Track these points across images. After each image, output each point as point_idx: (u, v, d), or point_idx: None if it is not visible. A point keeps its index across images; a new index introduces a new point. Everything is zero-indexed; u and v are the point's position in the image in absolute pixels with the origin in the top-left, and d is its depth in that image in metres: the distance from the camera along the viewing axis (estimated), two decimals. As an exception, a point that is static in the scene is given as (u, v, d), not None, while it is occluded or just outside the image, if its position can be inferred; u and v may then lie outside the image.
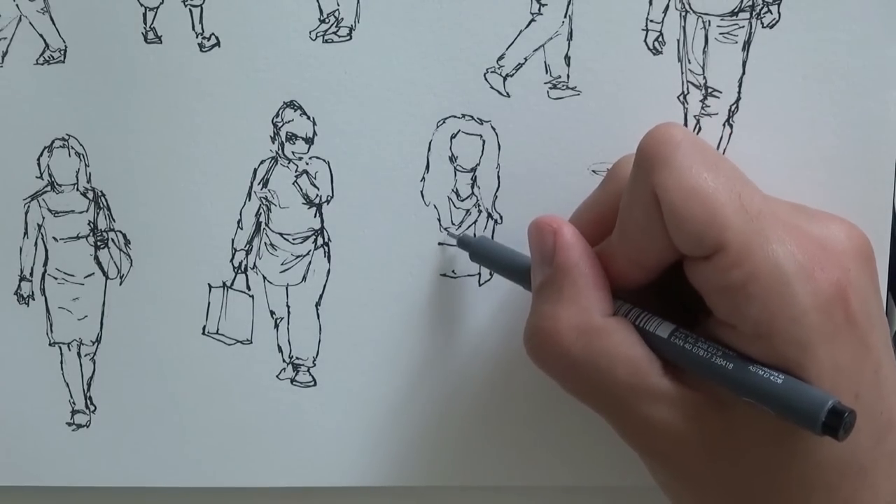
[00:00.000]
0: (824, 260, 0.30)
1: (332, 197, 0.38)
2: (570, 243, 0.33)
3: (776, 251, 0.29)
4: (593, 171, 0.38)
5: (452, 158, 0.38)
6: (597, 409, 0.33)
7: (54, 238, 0.39)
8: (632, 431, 0.32)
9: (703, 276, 0.30)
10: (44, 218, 0.39)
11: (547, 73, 0.37)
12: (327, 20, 0.37)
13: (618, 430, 0.33)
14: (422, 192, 0.38)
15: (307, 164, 0.38)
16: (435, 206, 0.38)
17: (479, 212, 0.38)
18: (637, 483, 0.34)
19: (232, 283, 0.39)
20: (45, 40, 0.38)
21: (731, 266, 0.29)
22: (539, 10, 0.37)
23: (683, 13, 0.37)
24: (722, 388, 0.30)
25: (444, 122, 0.38)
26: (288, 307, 0.39)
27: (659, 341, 0.32)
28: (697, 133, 0.37)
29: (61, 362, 0.40)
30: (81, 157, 0.39)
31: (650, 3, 0.37)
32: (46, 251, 0.39)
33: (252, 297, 0.39)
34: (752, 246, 0.29)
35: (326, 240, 0.39)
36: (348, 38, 0.37)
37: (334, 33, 0.37)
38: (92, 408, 0.40)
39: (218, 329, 0.39)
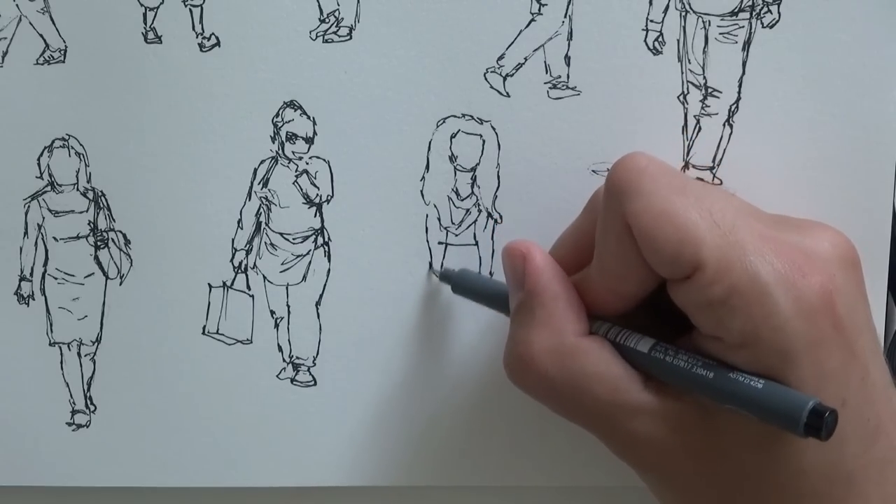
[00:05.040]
0: (807, 267, 0.30)
1: (332, 197, 0.38)
2: (539, 267, 0.33)
3: (754, 262, 0.29)
4: (593, 171, 0.38)
5: (452, 158, 0.38)
6: (583, 427, 0.33)
7: (54, 238, 0.39)
8: (619, 446, 0.33)
9: (686, 295, 0.30)
10: (44, 218, 0.39)
11: (547, 73, 0.37)
12: (327, 20, 0.37)
13: (606, 444, 0.33)
14: (422, 191, 0.38)
15: (307, 163, 0.38)
16: (435, 206, 0.38)
17: (479, 211, 0.38)
18: (636, 483, 0.34)
19: (232, 283, 0.39)
20: (45, 40, 0.38)
21: (710, 283, 0.29)
22: (539, 10, 0.37)
23: (683, 13, 0.37)
24: (705, 398, 0.31)
25: (444, 122, 0.38)
26: (288, 307, 0.39)
27: (640, 356, 0.32)
28: (697, 133, 0.38)
29: (61, 362, 0.40)
30: (81, 157, 0.39)
31: (650, 3, 0.37)
32: (46, 251, 0.39)
33: (252, 296, 0.39)
34: (730, 260, 0.29)
35: (326, 239, 0.39)
36: (348, 38, 0.37)
37: (334, 33, 0.37)
38: (92, 408, 0.40)
39: (218, 329, 0.39)
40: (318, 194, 0.39)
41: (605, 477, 0.39)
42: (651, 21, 0.37)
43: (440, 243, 0.39)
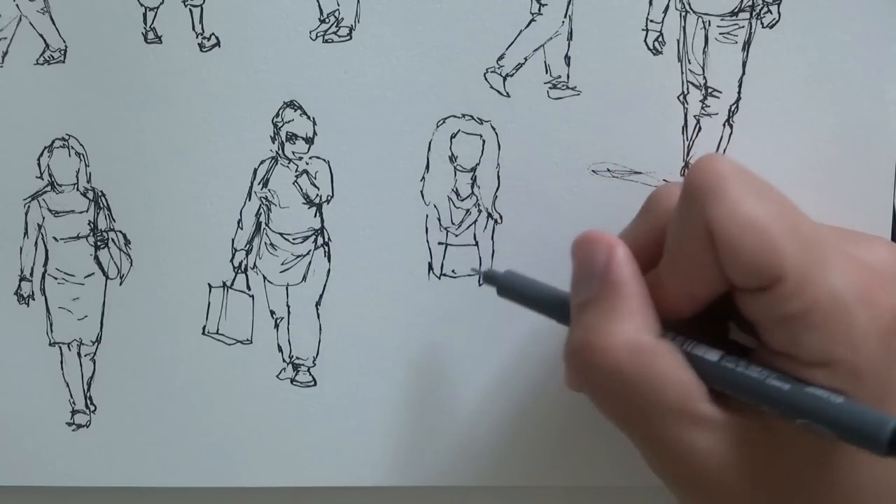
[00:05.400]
0: (879, 286, 0.29)
1: (332, 197, 0.38)
2: (625, 259, 0.32)
3: (835, 279, 0.29)
4: (593, 171, 0.38)
5: (452, 158, 0.38)
6: (634, 433, 0.32)
7: (54, 238, 0.39)
8: (670, 459, 0.31)
9: (760, 307, 0.29)
10: (44, 218, 0.39)
11: (547, 73, 0.37)
12: (327, 20, 0.37)
13: (653, 456, 0.32)
14: (422, 191, 0.38)
15: (307, 163, 0.38)
16: (435, 206, 0.38)
17: (479, 211, 0.38)
18: (637, 483, 0.34)
19: (232, 283, 0.39)
20: (45, 40, 0.38)
21: (790, 296, 0.29)
22: (539, 10, 0.37)
23: (683, 13, 0.37)
24: (771, 413, 0.30)
25: (444, 122, 0.38)
26: (288, 307, 0.39)
27: (708, 366, 0.31)
28: (697, 133, 0.38)
29: (61, 362, 0.40)
30: (81, 157, 0.39)
31: (650, 3, 0.37)
32: (46, 251, 0.39)
33: (252, 297, 0.39)
34: (811, 275, 0.28)
35: (326, 240, 0.39)
36: (348, 38, 0.37)
37: (334, 33, 0.38)
38: (92, 408, 0.40)
39: (218, 329, 0.39)
40: (318, 194, 0.39)
41: (609, 477, 0.39)
42: (651, 21, 0.37)
43: (440, 243, 0.39)
